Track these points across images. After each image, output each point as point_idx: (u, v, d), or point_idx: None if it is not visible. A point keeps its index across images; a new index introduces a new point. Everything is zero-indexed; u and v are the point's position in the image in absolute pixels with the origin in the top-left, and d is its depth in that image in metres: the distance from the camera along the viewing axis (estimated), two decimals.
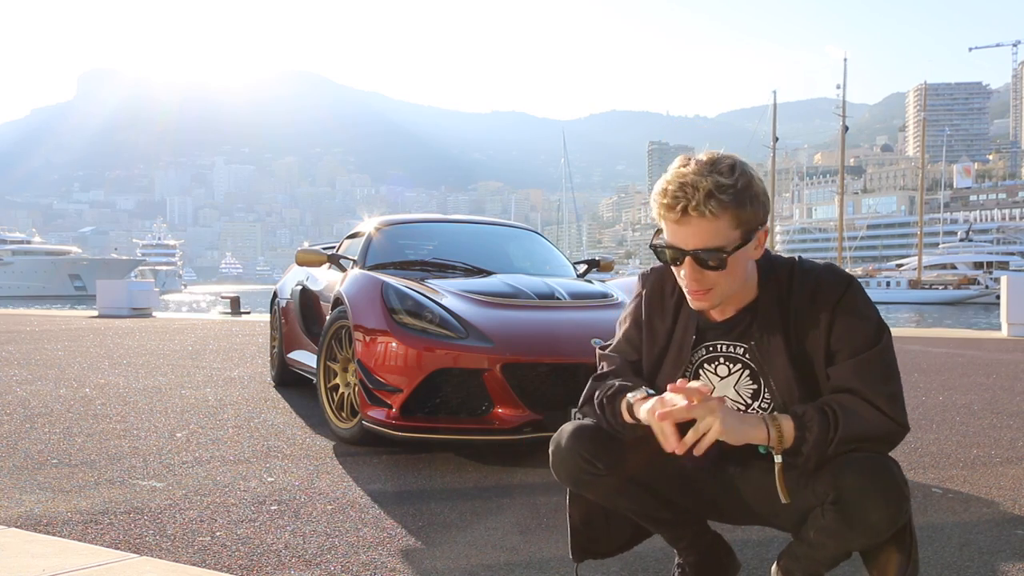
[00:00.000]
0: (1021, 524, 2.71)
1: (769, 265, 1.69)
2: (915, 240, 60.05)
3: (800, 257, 1.73)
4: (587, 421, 1.79)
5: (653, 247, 1.65)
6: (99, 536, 2.51)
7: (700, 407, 1.50)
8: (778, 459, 1.53)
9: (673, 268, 1.66)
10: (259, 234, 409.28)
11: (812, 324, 1.62)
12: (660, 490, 1.78)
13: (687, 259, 1.58)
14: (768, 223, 1.62)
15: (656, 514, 1.81)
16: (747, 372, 1.69)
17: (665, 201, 1.55)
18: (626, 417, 1.66)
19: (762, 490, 1.68)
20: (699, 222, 1.53)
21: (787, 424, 1.53)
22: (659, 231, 1.64)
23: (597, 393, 1.75)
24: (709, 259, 1.56)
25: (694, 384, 1.53)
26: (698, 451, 1.50)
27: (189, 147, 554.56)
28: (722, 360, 1.71)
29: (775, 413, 1.56)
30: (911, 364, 7.47)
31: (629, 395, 1.65)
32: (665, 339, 1.77)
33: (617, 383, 1.73)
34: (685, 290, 1.66)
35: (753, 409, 1.69)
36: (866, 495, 1.47)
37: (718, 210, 1.52)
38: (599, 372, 1.83)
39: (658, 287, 1.81)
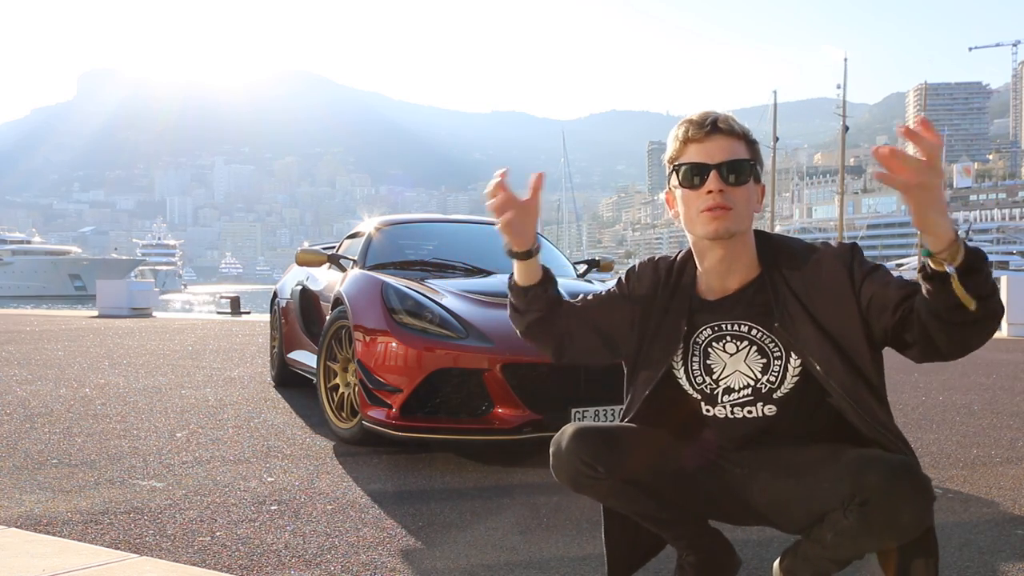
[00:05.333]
0: (1021, 524, 2.72)
1: (766, 242, 1.76)
2: (915, 240, 60.06)
3: (786, 235, 1.81)
4: (588, 423, 1.80)
5: (675, 168, 1.70)
6: (99, 536, 2.51)
7: (930, 169, 1.30)
8: (951, 269, 1.36)
9: (688, 194, 1.68)
10: (259, 234, 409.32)
11: (836, 295, 1.63)
12: (659, 491, 1.78)
13: (712, 173, 1.64)
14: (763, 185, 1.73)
15: (655, 515, 1.81)
16: (754, 348, 1.70)
17: (694, 122, 1.67)
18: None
19: (769, 491, 1.68)
20: (725, 138, 1.66)
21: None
22: (672, 171, 1.71)
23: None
24: (735, 168, 1.64)
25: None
26: (909, 173, 1.31)
27: (189, 147, 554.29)
28: (728, 338, 1.72)
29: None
30: (911, 364, 7.45)
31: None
32: (659, 315, 1.80)
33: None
34: (698, 218, 1.67)
35: (762, 383, 1.70)
36: (895, 497, 1.43)
37: (740, 130, 1.67)
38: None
39: (649, 266, 1.88)
